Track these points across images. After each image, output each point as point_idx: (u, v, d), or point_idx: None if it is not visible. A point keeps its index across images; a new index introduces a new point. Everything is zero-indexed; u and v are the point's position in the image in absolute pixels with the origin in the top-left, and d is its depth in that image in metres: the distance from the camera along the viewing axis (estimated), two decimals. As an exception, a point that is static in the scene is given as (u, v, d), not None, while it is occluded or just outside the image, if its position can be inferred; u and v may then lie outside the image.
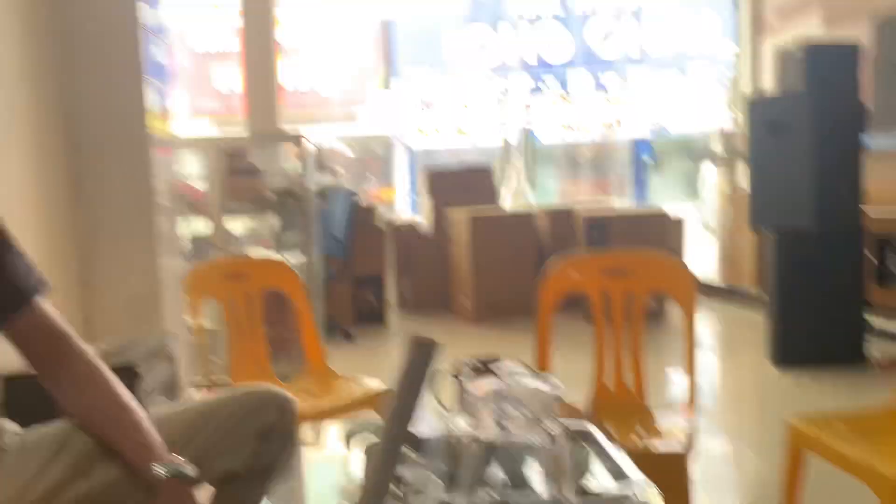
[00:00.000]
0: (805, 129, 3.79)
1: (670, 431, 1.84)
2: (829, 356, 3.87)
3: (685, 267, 2.01)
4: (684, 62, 19.72)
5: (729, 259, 6.14)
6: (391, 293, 6.10)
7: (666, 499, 1.66)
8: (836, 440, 1.68)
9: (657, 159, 25.50)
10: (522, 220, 5.69)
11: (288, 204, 3.69)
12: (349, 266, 5.15)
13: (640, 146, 26.01)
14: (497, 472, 1.01)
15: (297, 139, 3.75)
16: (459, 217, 5.64)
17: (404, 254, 6.06)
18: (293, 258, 3.79)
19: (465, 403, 0.97)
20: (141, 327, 2.71)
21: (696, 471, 2.77)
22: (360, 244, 5.43)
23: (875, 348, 4.02)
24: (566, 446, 0.98)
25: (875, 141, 4.47)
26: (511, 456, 0.95)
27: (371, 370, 4.36)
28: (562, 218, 5.88)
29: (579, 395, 2.09)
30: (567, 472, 0.96)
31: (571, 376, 2.16)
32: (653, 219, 5.49)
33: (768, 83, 6.20)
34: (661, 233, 5.48)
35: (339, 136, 21.84)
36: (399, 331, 5.52)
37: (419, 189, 8.16)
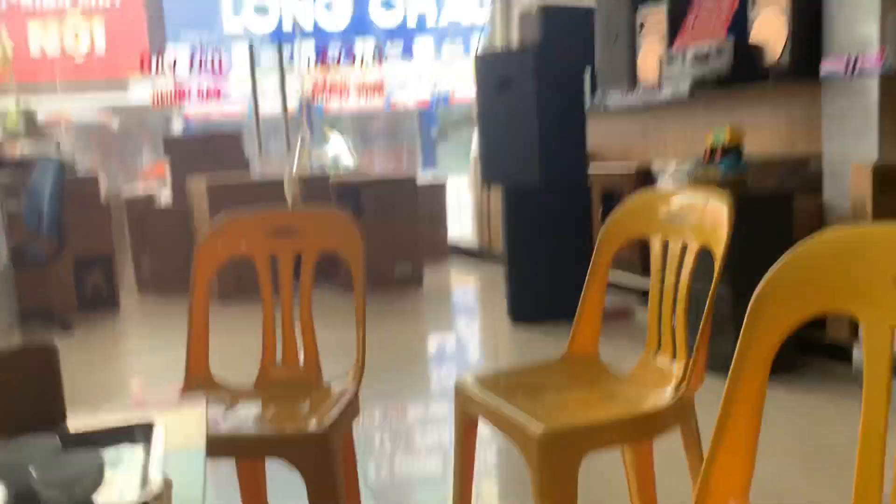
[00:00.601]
0: (530, 85, 3.78)
1: (333, 405, 1.63)
2: (563, 309, 3.92)
3: (353, 223, 1.81)
4: (465, 32, 20.18)
5: (483, 220, 6.20)
6: (127, 274, 5.52)
7: (309, 480, 1.45)
8: (495, 399, 1.55)
9: (442, 128, 26.04)
10: (269, 189, 5.33)
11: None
12: (65, 246, 4.51)
13: (426, 116, 26.42)
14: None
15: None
16: (198, 187, 5.17)
17: (139, 230, 5.49)
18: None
19: None
20: None
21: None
22: (81, 221, 4.81)
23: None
24: None
25: (600, 100, 4.62)
26: None
27: (91, 362, 3.87)
28: (315, 185, 5.61)
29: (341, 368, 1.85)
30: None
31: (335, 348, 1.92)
32: (405, 184, 5.37)
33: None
34: (414, 198, 5.38)
35: (103, 108, 19.87)
36: (135, 315, 4.99)
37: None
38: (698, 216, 1.58)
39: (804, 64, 3.35)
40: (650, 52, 4.22)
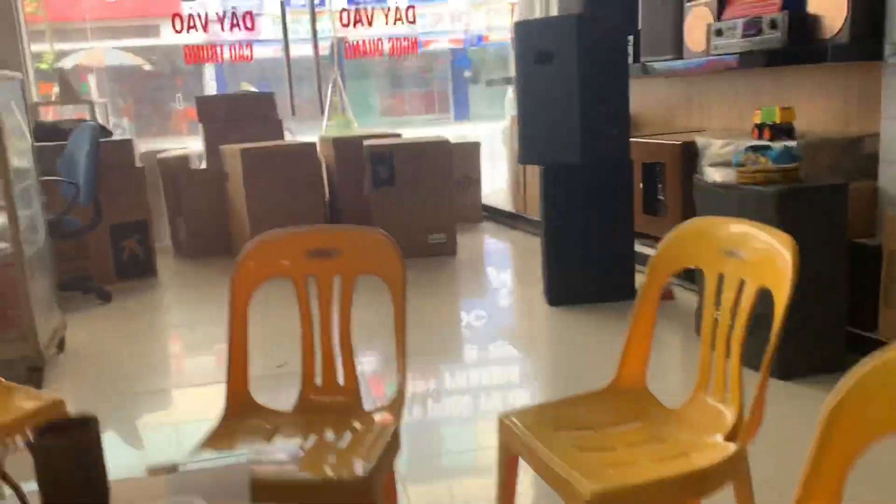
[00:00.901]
0: (572, 58, 3.63)
1: (374, 441, 1.60)
2: (602, 292, 3.86)
3: (394, 246, 1.75)
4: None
5: (518, 186, 6.09)
6: (164, 238, 5.54)
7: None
8: (540, 442, 1.51)
9: (475, 72, 25.50)
10: (304, 153, 5.26)
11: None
12: (102, 213, 4.52)
13: (458, 59, 25.82)
14: None
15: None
16: (232, 151, 5.12)
17: (174, 191, 5.48)
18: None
19: None
20: None
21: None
22: (117, 187, 4.80)
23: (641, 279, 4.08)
24: None
25: (644, 66, 4.45)
26: None
27: (128, 338, 3.92)
28: (349, 149, 5.53)
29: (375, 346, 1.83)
30: None
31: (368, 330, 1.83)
32: (439, 147, 5.25)
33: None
34: (448, 162, 5.27)
35: (134, 51, 19.77)
36: (171, 282, 5.02)
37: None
38: (759, 254, 1.50)
39: (865, 40, 3.16)
40: (698, 20, 4.03)
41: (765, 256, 1.48)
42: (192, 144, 5.96)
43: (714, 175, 2.91)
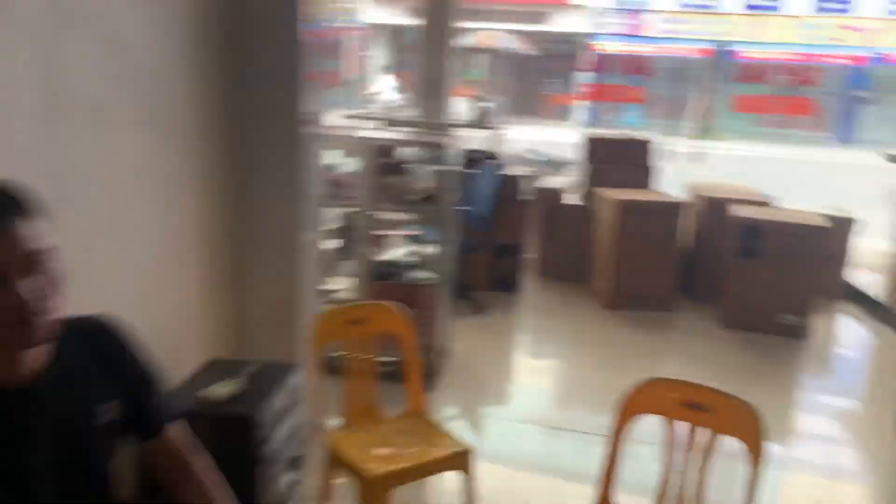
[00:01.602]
0: None
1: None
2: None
3: (758, 416, 2.04)
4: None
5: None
6: (532, 260, 6.22)
7: None
8: None
9: (873, 93, 22.79)
10: (672, 210, 5.55)
11: (428, 206, 3.89)
12: (490, 236, 5.34)
13: (855, 77, 23.28)
14: None
15: (437, 144, 3.85)
16: (609, 197, 5.60)
17: (548, 219, 6.14)
18: (430, 249, 4.09)
19: None
20: (281, 332, 3.11)
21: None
22: (503, 214, 5.56)
23: None
24: None
25: None
26: None
27: (495, 348, 4.66)
28: (715, 211, 5.70)
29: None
30: None
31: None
32: (816, 231, 5.16)
33: None
34: (818, 247, 5.17)
35: (523, 35, 21.19)
36: (533, 303, 5.69)
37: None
38: None
39: None
40: None
41: None
42: (557, 132, 6.43)
43: None
